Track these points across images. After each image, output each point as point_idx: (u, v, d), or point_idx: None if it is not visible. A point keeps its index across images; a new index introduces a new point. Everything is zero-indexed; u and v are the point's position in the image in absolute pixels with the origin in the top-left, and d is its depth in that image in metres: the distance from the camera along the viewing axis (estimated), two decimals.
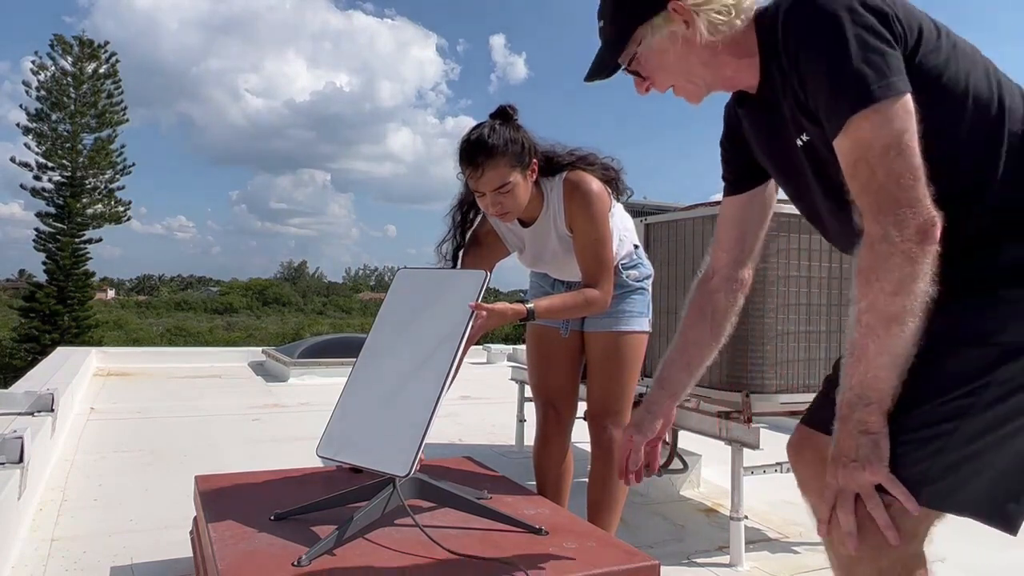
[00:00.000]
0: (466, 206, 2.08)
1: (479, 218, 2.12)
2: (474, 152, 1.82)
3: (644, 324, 2.19)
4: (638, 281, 2.17)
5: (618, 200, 2.08)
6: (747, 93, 1.15)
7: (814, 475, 1.07)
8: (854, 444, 0.96)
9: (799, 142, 1.06)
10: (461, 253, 2.09)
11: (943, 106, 0.97)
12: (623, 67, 1.14)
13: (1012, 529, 0.97)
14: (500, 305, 1.78)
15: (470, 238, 2.11)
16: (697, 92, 1.15)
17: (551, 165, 1.98)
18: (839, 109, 0.95)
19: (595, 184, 1.95)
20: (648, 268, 2.24)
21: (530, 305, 1.84)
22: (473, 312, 1.54)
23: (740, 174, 1.28)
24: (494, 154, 1.81)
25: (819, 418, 1.16)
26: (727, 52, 1.09)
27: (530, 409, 2.55)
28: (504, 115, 1.91)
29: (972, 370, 0.94)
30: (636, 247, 2.19)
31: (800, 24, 0.99)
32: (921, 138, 0.93)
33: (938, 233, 0.92)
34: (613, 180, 2.04)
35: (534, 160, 1.91)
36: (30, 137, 26.52)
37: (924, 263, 0.91)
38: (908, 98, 0.94)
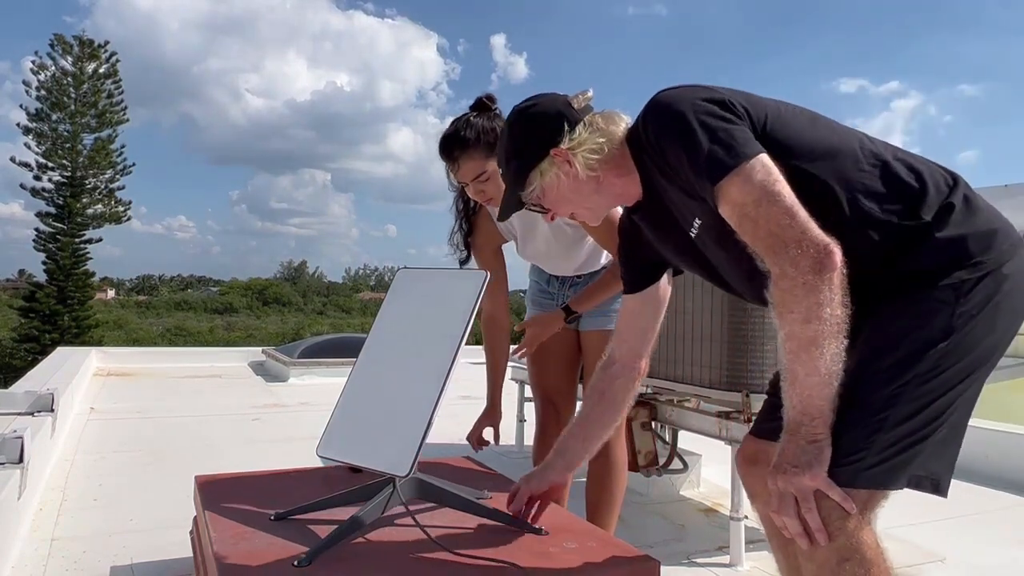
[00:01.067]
0: (464, 196, 2.13)
1: (474, 208, 2.18)
2: (449, 146, 1.91)
3: None
4: None
5: None
6: (638, 202, 1.31)
7: (764, 486, 1.14)
8: (798, 452, 1.05)
9: (692, 232, 1.21)
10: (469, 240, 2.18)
11: (808, 159, 1.11)
12: (527, 204, 1.32)
13: (942, 493, 1.14)
14: (537, 316, 2.13)
15: (472, 226, 2.18)
16: (595, 214, 1.33)
17: None
18: (709, 189, 1.09)
19: None
20: None
21: (563, 304, 2.09)
22: (473, 311, 1.54)
23: (639, 276, 1.44)
24: (467, 146, 1.88)
25: (767, 429, 1.27)
26: (610, 175, 1.26)
27: (530, 409, 2.55)
28: (481, 106, 1.97)
29: (900, 362, 1.06)
30: None
31: (657, 127, 1.16)
32: (800, 190, 1.06)
33: (836, 259, 1.01)
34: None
35: None
36: (30, 137, 26.54)
37: (825, 290, 1.01)
38: (762, 156, 1.07)
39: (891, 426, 1.06)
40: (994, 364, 1.14)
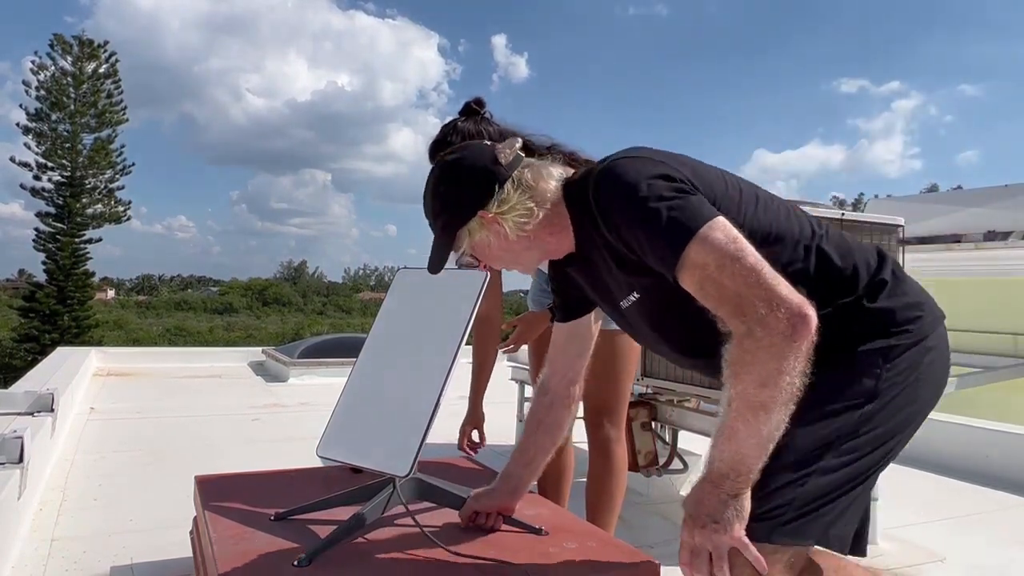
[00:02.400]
0: None
1: None
2: (436, 153, 1.90)
3: None
4: None
5: None
6: (570, 255, 1.30)
7: None
8: (719, 507, 1.04)
9: (623, 304, 1.23)
10: None
11: (760, 237, 1.10)
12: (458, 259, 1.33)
13: (860, 552, 1.14)
14: (527, 314, 2.12)
15: None
16: (527, 267, 1.33)
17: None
18: (669, 259, 1.06)
19: None
20: None
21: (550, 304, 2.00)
22: (473, 311, 1.54)
23: (569, 307, 1.44)
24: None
25: None
26: (543, 232, 1.24)
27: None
28: (469, 111, 1.97)
29: (826, 420, 1.08)
30: None
31: (609, 199, 1.12)
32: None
33: (811, 324, 0.99)
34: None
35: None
36: (30, 137, 26.56)
37: (791, 358, 0.99)
38: (720, 218, 1.06)
39: (813, 483, 1.06)
40: (910, 435, 1.16)
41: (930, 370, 1.15)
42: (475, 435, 2.25)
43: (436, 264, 1.28)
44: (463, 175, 1.24)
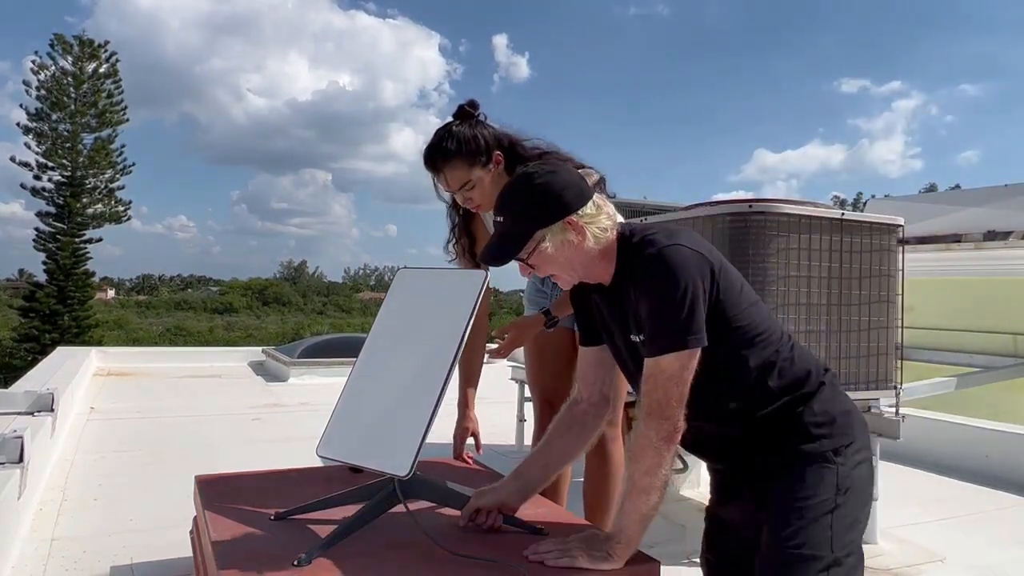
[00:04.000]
0: (457, 210, 2.15)
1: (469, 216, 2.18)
2: (432, 157, 1.94)
3: None
4: None
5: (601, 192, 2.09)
6: (600, 284, 1.45)
7: None
8: (596, 547, 1.35)
9: (634, 339, 1.39)
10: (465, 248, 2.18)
11: (746, 345, 1.34)
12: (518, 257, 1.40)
13: None
14: (518, 320, 2.13)
15: (466, 231, 2.18)
16: (571, 281, 1.44)
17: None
18: (654, 344, 1.30)
19: None
20: None
21: (545, 307, 2.08)
22: (473, 311, 1.54)
23: (593, 331, 1.54)
24: (450, 157, 1.91)
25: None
26: (599, 256, 1.39)
27: (530, 409, 2.55)
28: (464, 114, 1.98)
29: (819, 507, 1.31)
30: None
31: (652, 280, 1.31)
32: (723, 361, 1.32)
33: (678, 436, 1.30)
34: (597, 181, 2.08)
35: (496, 152, 1.97)
36: (30, 136, 26.56)
37: (667, 457, 1.30)
38: (699, 350, 1.29)
39: (828, 556, 1.29)
40: (864, 526, 1.39)
41: (870, 467, 1.41)
42: (469, 445, 2.23)
43: (494, 259, 1.40)
44: (560, 182, 1.36)
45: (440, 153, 1.91)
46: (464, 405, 2.21)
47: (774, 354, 1.36)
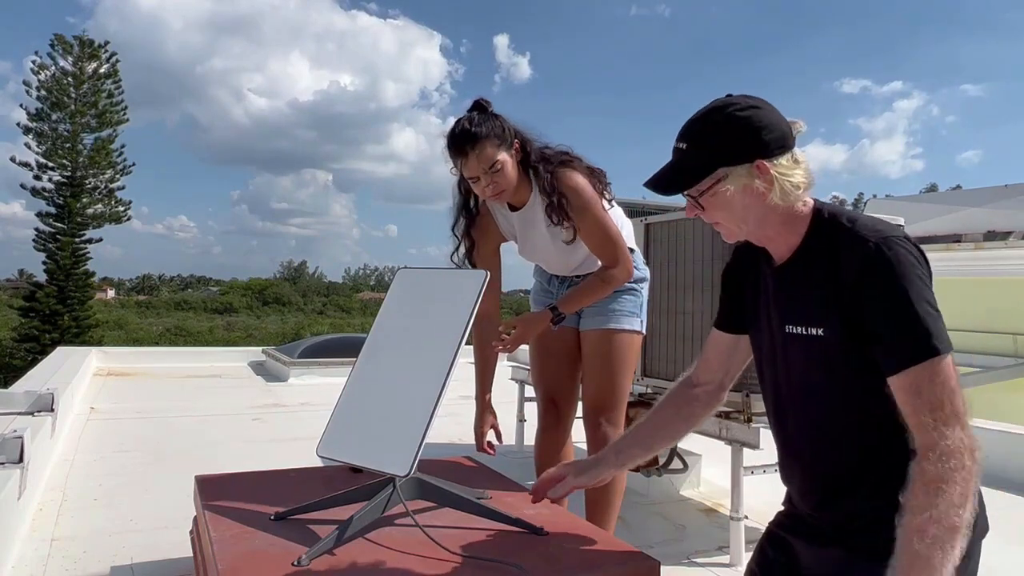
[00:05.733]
0: (465, 210, 2.15)
1: (477, 211, 2.19)
2: (461, 141, 1.94)
3: (636, 324, 2.21)
4: (630, 282, 2.18)
5: (603, 195, 2.09)
6: (771, 256, 1.24)
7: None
8: None
9: (791, 329, 1.19)
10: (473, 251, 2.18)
11: None
12: (687, 193, 1.20)
13: None
14: (526, 315, 2.13)
15: (468, 234, 2.18)
16: (737, 235, 1.23)
17: (542, 160, 2.04)
18: (903, 352, 1.07)
19: (578, 177, 2.03)
20: (643, 271, 2.26)
21: (552, 304, 2.10)
22: (473, 311, 1.54)
23: (737, 315, 1.37)
24: (479, 138, 1.92)
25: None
26: (778, 218, 1.19)
27: (530, 409, 2.55)
28: (480, 107, 2.01)
29: None
30: (632, 251, 2.20)
31: (878, 277, 1.09)
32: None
33: (981, 454, 1.02)
34: (598, 176, 2.10)
35: (516, 141, 2.00)
36: (30, 137, 26.53)
37: (976, 479, 1.01)
38: (948, 357, 1.06)
39: None
40: None
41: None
42: (491, 436, 2.23)
43: (664, 187, 1.21)
44: (763, 119, 1.16)
45: (470, 135, 1.92)
46: (483, 399, 2.21)
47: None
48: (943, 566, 0.96)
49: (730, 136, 1.15)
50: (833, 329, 1.15)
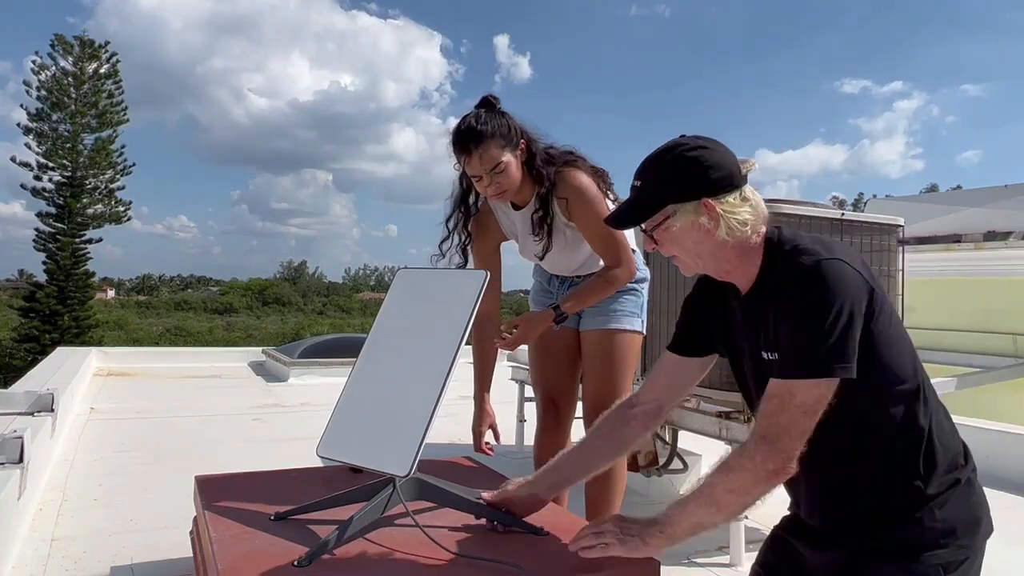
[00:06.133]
0: (463, 205, 2.13)
1: (477, 209, 2.19)
2: (466, 139, 1.93)
3: (636, 324, 2.21)
4: (631, 283, 2.18)
5: (607, 195, 2.09)
6: (736, 289, 1.31)
7: None
8: (633, 540, 1.27)
9: (767, 356, 1.24)
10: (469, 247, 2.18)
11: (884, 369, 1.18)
12: (642, 227, 1.30)
13: None
14: (528, 314, 2.14)
15: (472, 225, 2.18)
16: (694, 269, 1.32)
17: (546, 161, 2.04)
18: (798, 364, 1.14)
19: (583, 177, 2.03)
20: (644, 272, 2.26)
21: (554, 304, 2.10)
22: (473, 311, 1.54)
23: (690, 340, 1.45)
24: (484, 138, 1.91)
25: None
26: (733, 252, 1.26)
27: (530, 409, 2.55)
28: (488, 104, 2.00)
29: None
30: (634, 251, 2.20)
31: (793, 298, 1.17)
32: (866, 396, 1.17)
33: (786, 475, 1.16)
34: (602, 176, 2.10)
35: (522, 140, 2.00)
36: (31, 137, 26.54)
37: (763, 489, 1.16)
38: (837, 380, 1.13)
39: None
40: None
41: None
42: (489, 436, 2.23)
43: (620, 223, 1.35)
44: (710, 159, 1.23)
45: (475, 134, 1.92)
46: (480, 399, 2.21)
47: (917, 417, 1.20)
48: (685, 511, 1.25)
49: (678, 175, 1.24)
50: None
